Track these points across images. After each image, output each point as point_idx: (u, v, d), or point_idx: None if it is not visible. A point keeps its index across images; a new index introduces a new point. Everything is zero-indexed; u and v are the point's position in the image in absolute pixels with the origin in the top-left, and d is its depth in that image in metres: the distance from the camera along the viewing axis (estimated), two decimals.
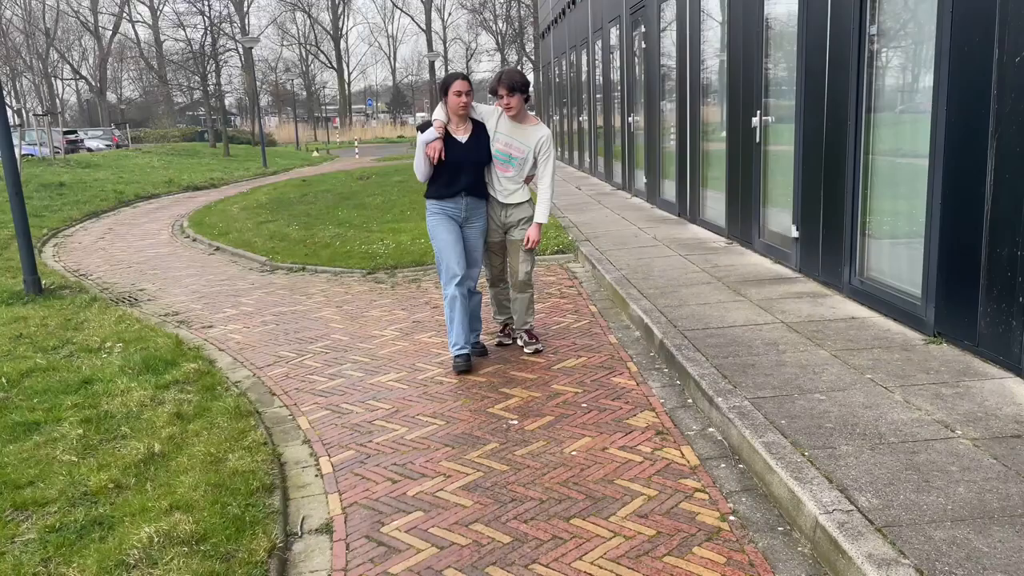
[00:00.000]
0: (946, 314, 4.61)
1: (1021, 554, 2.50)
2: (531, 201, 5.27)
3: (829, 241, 6.05)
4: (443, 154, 4.94)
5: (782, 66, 7.11)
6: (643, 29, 12.16)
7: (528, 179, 5.29)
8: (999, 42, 4.05)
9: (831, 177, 5.95)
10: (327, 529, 3.24)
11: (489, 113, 5.19)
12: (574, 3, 18.79)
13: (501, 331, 5.75)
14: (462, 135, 5.05)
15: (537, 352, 5.39)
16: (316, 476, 3.74)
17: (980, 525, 2.68)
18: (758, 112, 7.45)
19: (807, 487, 2.99)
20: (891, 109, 5.41)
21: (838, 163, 5.81)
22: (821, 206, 6.15)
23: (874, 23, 5.39)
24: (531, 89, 5.22)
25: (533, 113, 5.10)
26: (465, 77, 5.02)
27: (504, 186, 5.19)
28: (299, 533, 3.21)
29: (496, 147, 5.13)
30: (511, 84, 5.04)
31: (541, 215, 5.18)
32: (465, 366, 5.07)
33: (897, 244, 5.37)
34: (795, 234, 6.64)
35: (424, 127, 5.02)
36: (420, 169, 5.03)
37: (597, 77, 16.60)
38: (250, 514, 3.21)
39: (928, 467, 3.11)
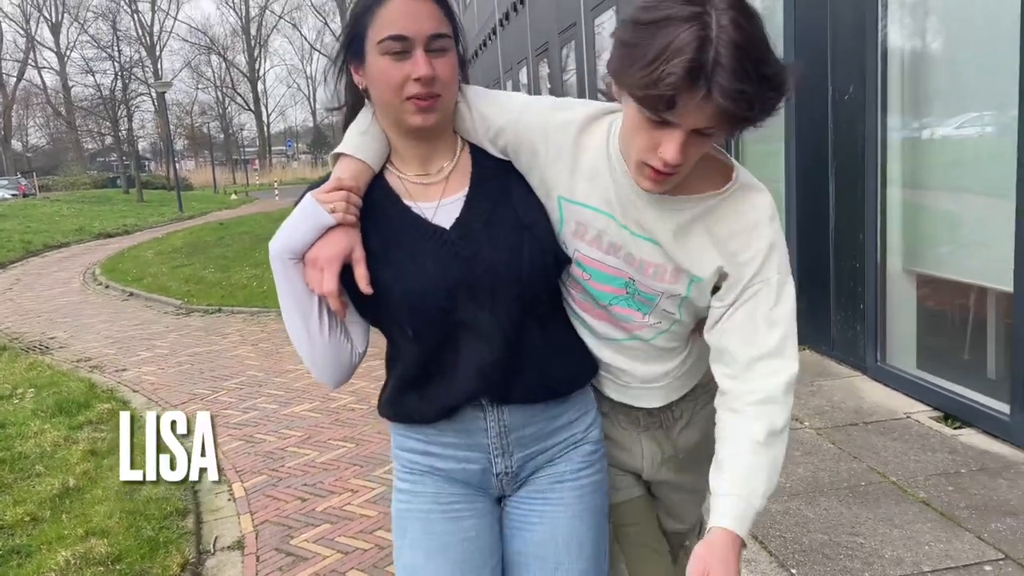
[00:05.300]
0: (807, 324, 5.15)
1: (840, 517, 2.95)
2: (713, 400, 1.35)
3: None
4: (368, 280, 1.32)
5: None
6: (547, 70, 12.81)
7: (698, 328, 1.42)
8: (832, 82, 4.64)
9: None
10: (239, 545, 3.46)
11: (557, 128, 1.33)
12: (485, 45, 19.47)
13: None
14: (436, 201, 1.38)
15: None
16: (229, 500, 3.95)
17: (811, 497, 3.12)
18: None
19: None
20: (756, 141, 6.01)
21: None
22: None
23: None
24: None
25: (724, 156, 1.31)
26: None
27: (628, 367, 1.45)
28: (212, 551, 3.43)
29: (589, 251, 1.36)
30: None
31: (737, 509, 1.22)
32: None
33: None
34: None
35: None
36: (300, 340, 1.37)
37: None
38: (164, 535, 3.42)
39: None
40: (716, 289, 1.33)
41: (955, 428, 3.75)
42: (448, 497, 1.46)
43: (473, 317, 1.33)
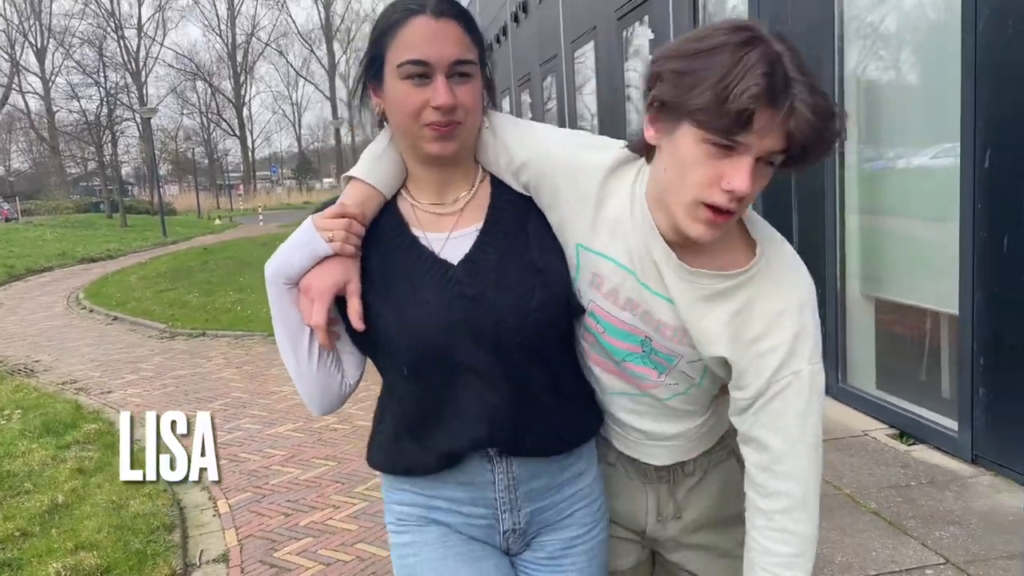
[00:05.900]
0: None
1: None
2: (732, 455, 1.39)
3: None
4: (362, 316, 1.26)
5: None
6: (529, 100, 13.12)
7: (722, 391, 1.35)
8: None
9: None
10: (224, 558, 3.59)
11: (583, 171, 1.25)
12: None
13: None
14: (447, 232, 1.31)
15: None
16: (214, 516, 4.08)
17: None
18: None
19: None
20: None
21: None
22: None
23: None
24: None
25: (759, 223, 1.23)
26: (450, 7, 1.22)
27: (637, 424, 1.37)
28: (198, 563, 3.56)
29: (604, 304, 1.27)
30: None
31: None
32: None
33: None
34: None
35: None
36: (289, 364, 1.32)
37: None
38: (151, 549, 3.55)
39: None
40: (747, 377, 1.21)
41: (909, 444, 3.95)
42: (458, 541, 1.34)
43: (475, 360, 1.25)
